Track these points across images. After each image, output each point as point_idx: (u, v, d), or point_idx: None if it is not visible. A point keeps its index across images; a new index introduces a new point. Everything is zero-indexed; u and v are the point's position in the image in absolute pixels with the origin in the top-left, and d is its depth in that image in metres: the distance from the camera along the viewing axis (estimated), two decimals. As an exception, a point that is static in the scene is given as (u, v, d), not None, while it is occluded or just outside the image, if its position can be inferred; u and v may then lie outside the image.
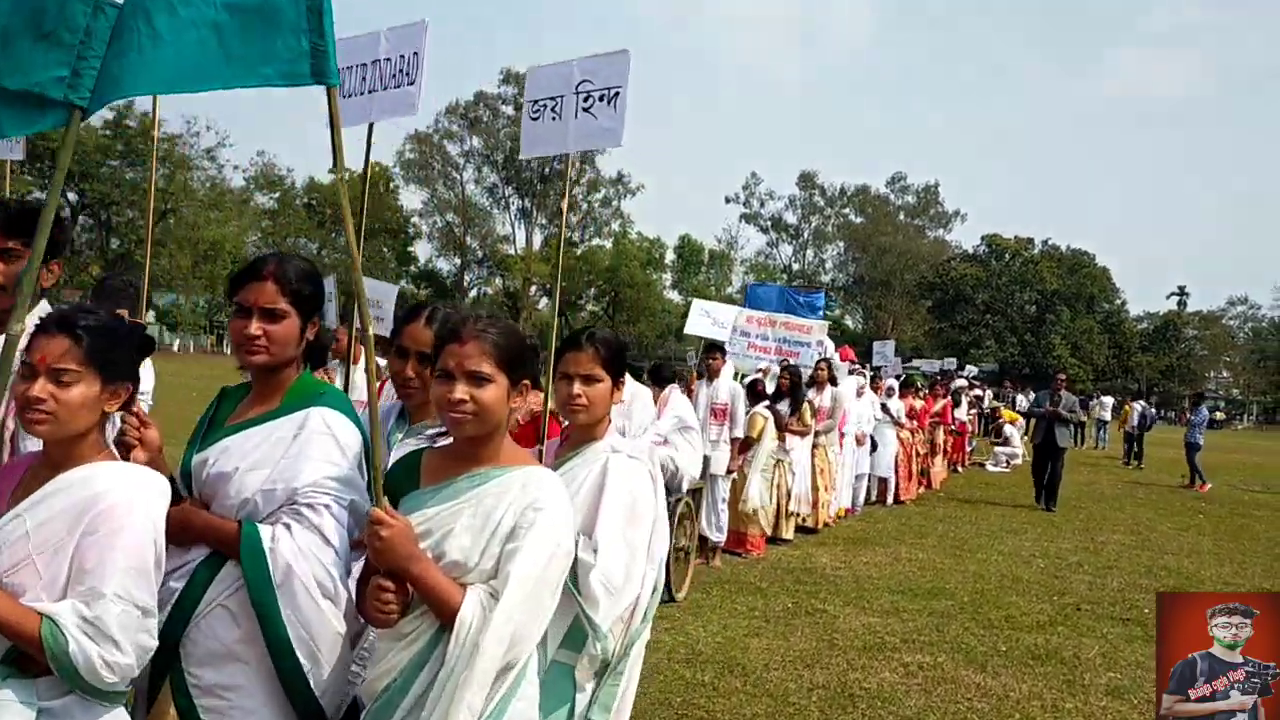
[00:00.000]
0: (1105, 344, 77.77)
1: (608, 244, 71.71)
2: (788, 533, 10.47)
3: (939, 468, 17.52)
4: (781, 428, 10.11)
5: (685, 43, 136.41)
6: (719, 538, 9.06)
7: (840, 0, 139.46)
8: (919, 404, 16.31)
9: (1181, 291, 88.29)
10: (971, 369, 25.72)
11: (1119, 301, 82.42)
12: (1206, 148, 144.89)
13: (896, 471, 14.76)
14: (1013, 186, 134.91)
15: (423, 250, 76.45)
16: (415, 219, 74.38)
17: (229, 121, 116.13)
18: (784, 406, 10.54)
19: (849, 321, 79.24)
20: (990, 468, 21.67)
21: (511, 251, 72.20)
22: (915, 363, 29.78)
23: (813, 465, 11.34)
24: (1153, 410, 31.73)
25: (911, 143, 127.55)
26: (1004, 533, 12.45)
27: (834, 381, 12.53)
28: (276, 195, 68.94)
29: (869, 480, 14.17)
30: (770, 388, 10.81)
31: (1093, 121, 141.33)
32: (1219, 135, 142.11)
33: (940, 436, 17.59)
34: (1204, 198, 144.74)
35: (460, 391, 2.25)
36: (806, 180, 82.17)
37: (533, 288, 69.76)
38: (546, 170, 71.83)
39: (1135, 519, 14.58)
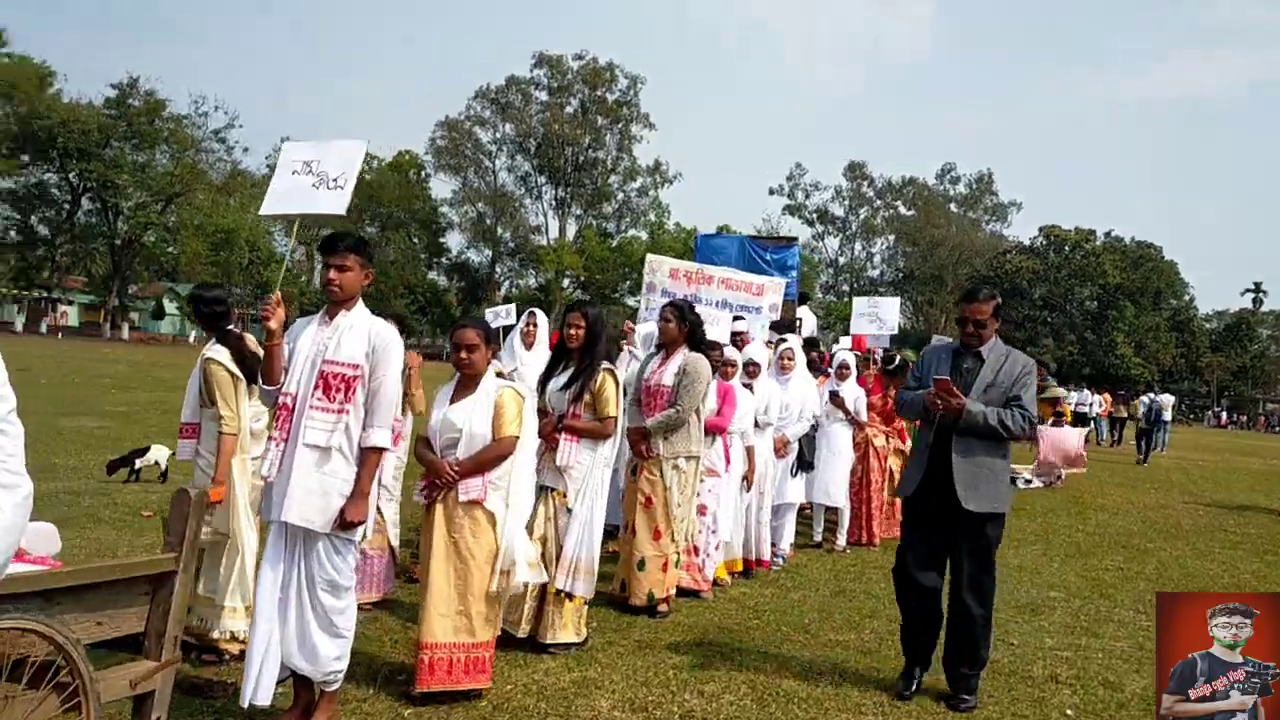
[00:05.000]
0: (1172, 343, 73.13)
1: (644, 234, 68.94)
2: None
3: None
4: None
5: (723, 25, 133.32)
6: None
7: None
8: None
9: (1257, 288, 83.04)
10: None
11: (1187, 298, 77.61)
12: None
13: (857, 495, 9.37)
14: (1072, 180, 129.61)
15: (454, 241, 74.50)
16: (446, 208, 72.31)
17: (246, 107, 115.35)
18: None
19: (900, 318, 75.59)
20: (1026, 482, 16.02)
21: (543, 243, 69.83)
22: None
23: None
24: (1162, 399, 28.41)
25: (963, 136, 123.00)
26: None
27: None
28: (301, 183, 67.20)
29: (817, 512, 9.28)
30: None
31: (1159, 115, 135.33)
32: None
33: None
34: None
35: None
36: (855, 171, 78.82)
37: (565, 280, 67.32)
38: (581, 159, 69.46)
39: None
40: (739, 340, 8.59)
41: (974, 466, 4.79)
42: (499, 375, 5.08)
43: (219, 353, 4.82)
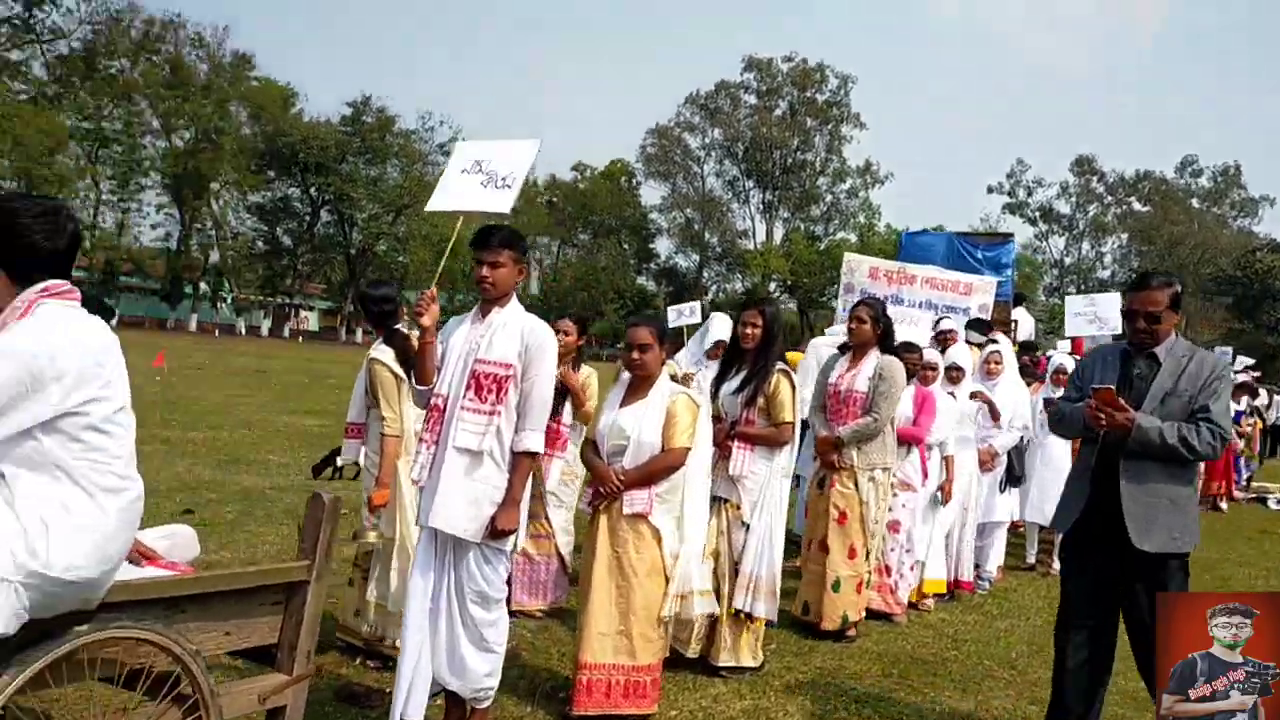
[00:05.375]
0: None
1: (853, 237, 67.33)
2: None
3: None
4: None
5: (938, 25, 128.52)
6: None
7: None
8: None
9: None
10: (1244, 359, 18.86)
11: None
12: None
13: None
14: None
15: (663, 246, 75.24)
16: (655, 214, 73.18)
17: (469, 120, 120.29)
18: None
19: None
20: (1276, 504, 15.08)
21: (750, 247, 69.42)
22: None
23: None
24: None
25: (1206, 125, 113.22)
26: None
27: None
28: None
29: (1031, 532, 8.55)
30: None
31: None
32: None
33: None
34: None
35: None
36: (1083, 165, 74.02)
37: (772, 284, 66.63)
38: (789, 161, 68.67)
39: None
40: (946, 339, 7.89)
41: (1149, 496, 3.78)
42: (674, 379, 4.77)
43: (384, 353, 4.74)
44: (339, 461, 9.67)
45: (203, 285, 60.81)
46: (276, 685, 2.98)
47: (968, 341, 8.09)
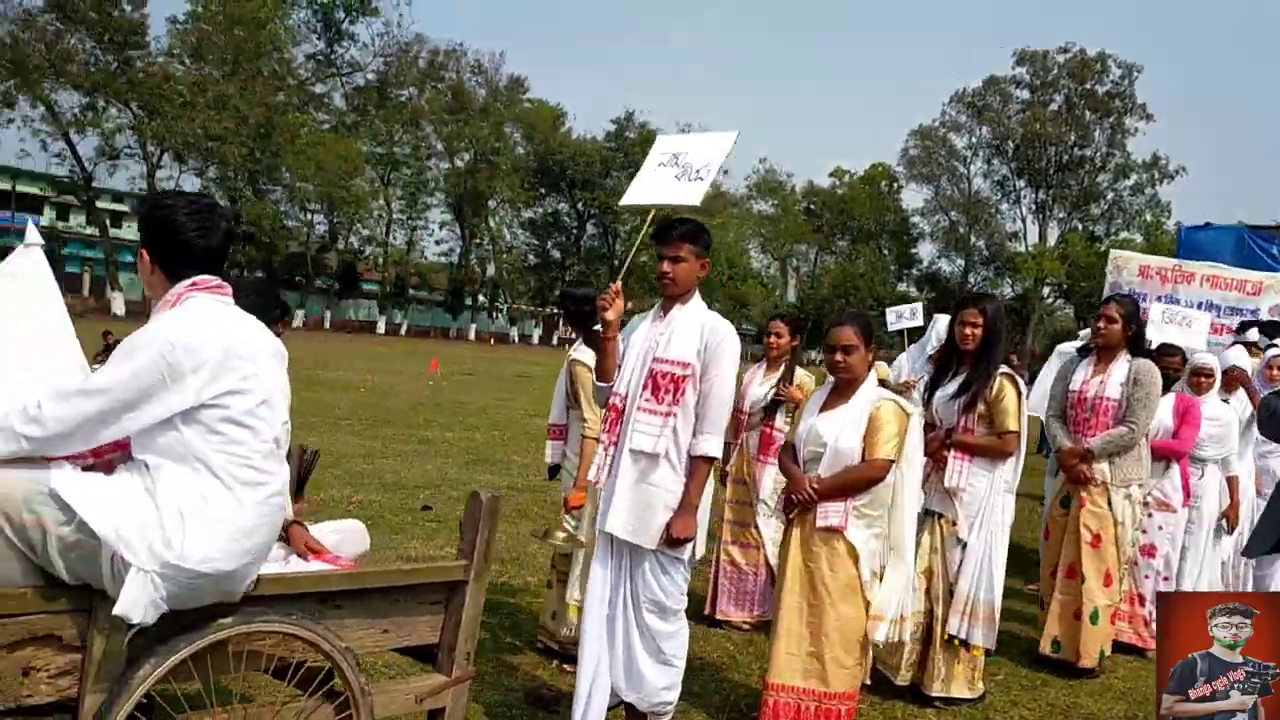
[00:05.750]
0: None
1: (1138, 236, 62.08)
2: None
3: None
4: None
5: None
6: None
7: None
8: None
9: None
10: None
11: None
12: None
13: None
14: None
15: (925, 251, 72.54)
16: (916, 218, 70.66)
17: (725, 127, 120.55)
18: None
19: None
20: None
21: (1020, 249, 65.57)
22: None
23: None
24: None
25: None
26: None
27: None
28: (776, 202, 69.38)
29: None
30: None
31: None
32: None
33: None
34: None
35: None
36: None
37: (1045, 289, 62.64)
38: (1064, 158, 64.38)
39: None
40: (1250, 348, 6.92)
41: None
42: (884, 384, 4.42)
43: (585, 354, 4.69)
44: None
45: (480, 296, 64.75)
46: (434, 686, 2.94)
47: (1244, 343, 7.08)
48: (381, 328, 56.31)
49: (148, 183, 49.95)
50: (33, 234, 2.76)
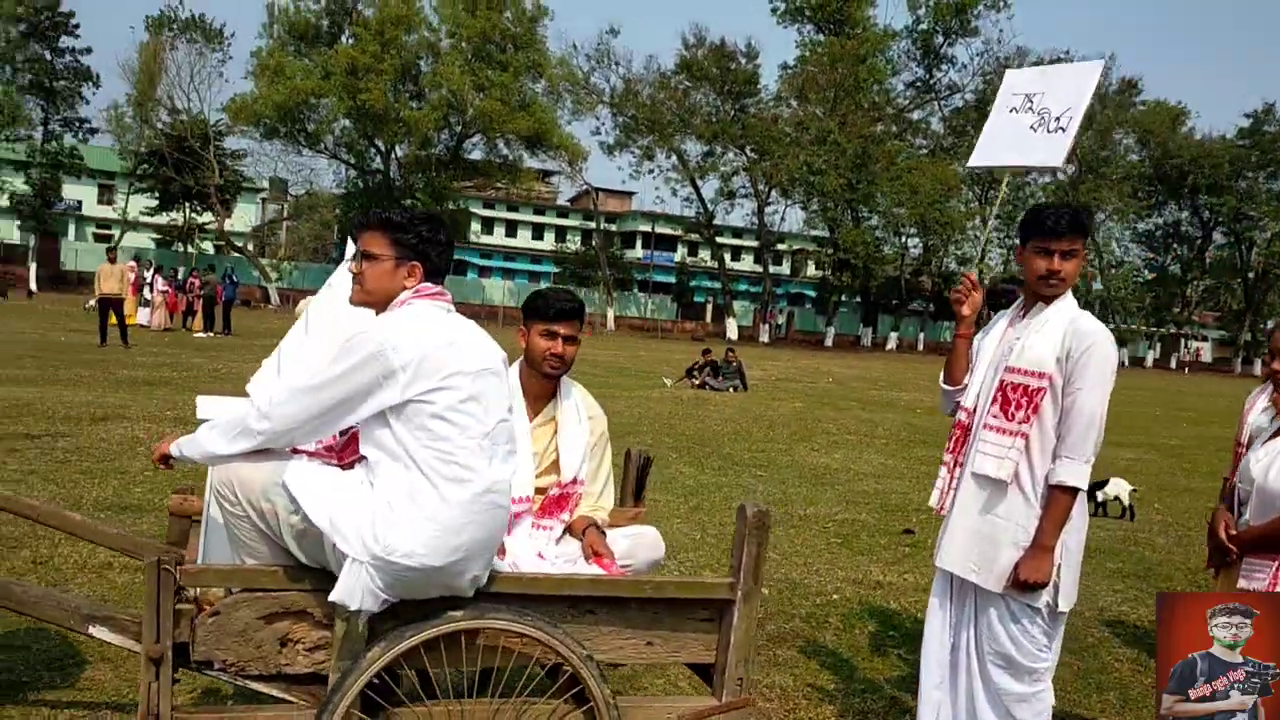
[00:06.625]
0: None
1: None
2: None
3: None
4: None
5: None
6: None
7: None
8: None
9: None
10: None
11: None
12: None
13: None
14: None
15: None
16: None
17: None
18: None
19: None
20: None
21: None
22: None
23: None
24: None
25: None
26: None
27: None
28: None
29: None
30: None
31: None
32: None
33: None
34: None
35: None
36: None
37: None
38: None
39: None
40: None
41: None
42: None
43: None
44: (1099, 496, 8.75)
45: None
46: (698, 709, 2.76)
47: None
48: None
49: (758, 218, 54.59)
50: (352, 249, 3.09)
